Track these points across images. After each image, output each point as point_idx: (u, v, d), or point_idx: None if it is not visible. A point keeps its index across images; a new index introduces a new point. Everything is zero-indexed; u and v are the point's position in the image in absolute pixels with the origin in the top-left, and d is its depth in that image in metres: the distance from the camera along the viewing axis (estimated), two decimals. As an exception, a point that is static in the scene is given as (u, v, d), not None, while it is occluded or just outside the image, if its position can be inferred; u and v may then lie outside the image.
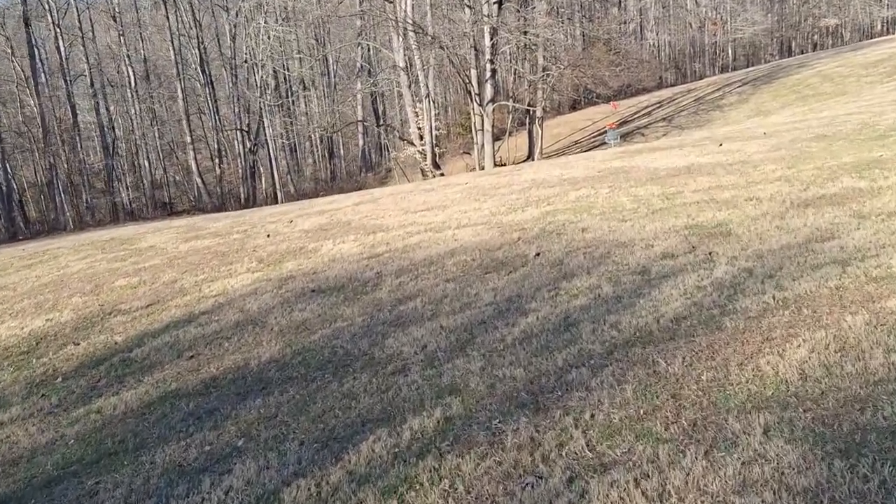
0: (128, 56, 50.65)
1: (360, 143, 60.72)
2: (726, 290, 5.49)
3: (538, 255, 7.99)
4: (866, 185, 8.16)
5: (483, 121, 41.52)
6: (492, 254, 8.47)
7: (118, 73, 53.23)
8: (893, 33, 67.73)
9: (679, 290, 5.71)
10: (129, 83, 51.45)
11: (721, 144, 15.43)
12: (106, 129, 50.83)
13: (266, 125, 55.08)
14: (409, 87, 44.69)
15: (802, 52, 71.44)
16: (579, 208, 10.48)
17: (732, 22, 72.48)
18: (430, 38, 40.70)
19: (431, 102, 46.20)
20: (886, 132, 12.43)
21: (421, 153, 45.17)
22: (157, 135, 54.05)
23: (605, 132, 39.66)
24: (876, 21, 74.62)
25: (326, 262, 9.88)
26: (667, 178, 11.88)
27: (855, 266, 5.40)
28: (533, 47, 38.95)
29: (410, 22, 40.80)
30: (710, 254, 6.69)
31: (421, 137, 44.72)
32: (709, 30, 72.77)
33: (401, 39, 43.01)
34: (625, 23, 58.96)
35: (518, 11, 38.96)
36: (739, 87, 47.55)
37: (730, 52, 74.63)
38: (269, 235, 13.33)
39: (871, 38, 69.12)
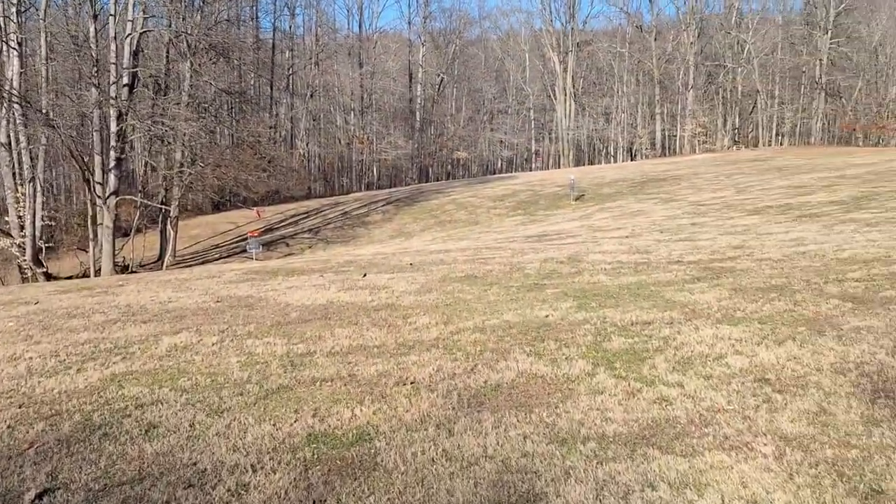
0: None
1: (-57, 227, 48.92)
2: None
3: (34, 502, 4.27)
4: (549, 372, 6.09)
5: (105, 215, 35.57)
6: (-46, 491, 4.48)
7: None
8: (512, 171, 77.55)
9: None
10: None
11: (365, 275, 13.26)
12: None
13: None
14: (11, 166, 36.91)
15: (438, 179, 77.85)
16: (164, 373, 6.97)
17: (378, 143, 76.33)
18: (41, 114, 34.19)
19: (39, 187, 38.73)
20: (538, 280, 11.27)
21: (20, 246, 37.05)
22: None
23: (248, 239, 36.56)
24: (498, 160, 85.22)
25: None
26: (298, 323, 9.02)
27: None
28: (169, 141, 34.76)
29: (16, 94, 33.96)
30: (342, 525, 3.73)
31: (22, 227, 36.83)
32: (356, 147, 75.51)
33: (4, 111, 35.60)
34: (274, 127, 57.77)
35: (153, 99, 34.67)
36: (384, 205, 48.57)
37: (375, 171, 78.23)
38: None
39: (495, 174, 78.43)
